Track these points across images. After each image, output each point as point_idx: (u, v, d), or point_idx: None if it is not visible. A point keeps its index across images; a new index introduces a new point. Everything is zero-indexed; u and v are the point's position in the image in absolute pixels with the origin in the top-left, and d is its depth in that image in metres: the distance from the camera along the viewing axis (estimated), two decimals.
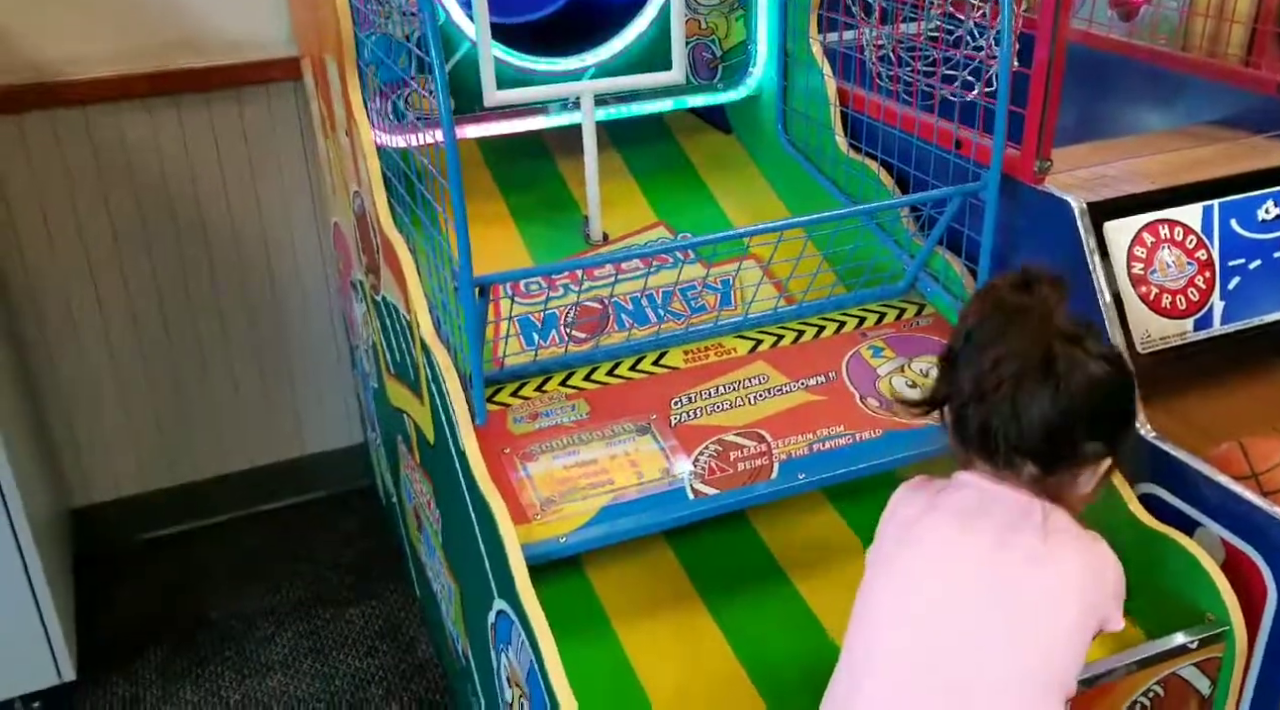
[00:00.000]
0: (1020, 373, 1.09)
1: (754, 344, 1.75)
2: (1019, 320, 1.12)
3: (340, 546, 2.54)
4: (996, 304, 1.15)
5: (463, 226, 1.41)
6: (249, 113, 2.34)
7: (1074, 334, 1.12)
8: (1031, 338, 1.10)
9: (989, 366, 1.10)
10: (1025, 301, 1.13)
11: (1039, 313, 1.12)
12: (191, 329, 2.47)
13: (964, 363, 1.14)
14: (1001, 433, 1.11)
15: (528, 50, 1.96)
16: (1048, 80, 1.54)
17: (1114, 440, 1.17)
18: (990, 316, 1.14)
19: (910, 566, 1.15)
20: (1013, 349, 1.10)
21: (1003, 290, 1.16)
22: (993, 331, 1.12)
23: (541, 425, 1.59)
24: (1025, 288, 1.14)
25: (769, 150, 2.17)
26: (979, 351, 1.12)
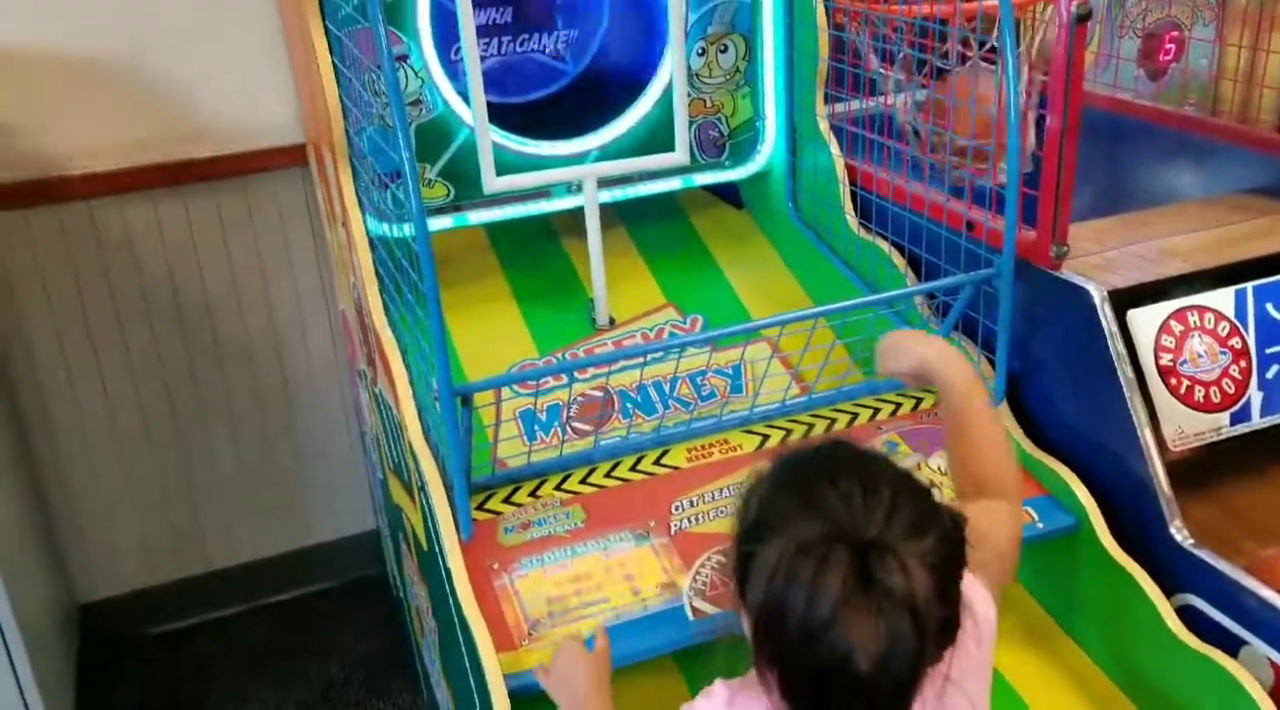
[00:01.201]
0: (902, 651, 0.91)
1: (761, 440, 1.66)
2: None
3: (350, 640, 2.47)
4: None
5: (439, 330, 1.34)
6: (256, 200, 2.32)
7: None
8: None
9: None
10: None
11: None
12: (200, 418, 2.43)
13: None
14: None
15: (529, 134, 1.92)
16: (1059, 165, 1.45)
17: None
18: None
19: None
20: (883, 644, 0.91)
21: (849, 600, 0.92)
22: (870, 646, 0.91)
23: (533, 536, 1.51)
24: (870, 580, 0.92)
25: (781, 227, 2.10)
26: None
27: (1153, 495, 1.44)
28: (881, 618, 0.88)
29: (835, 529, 0.91)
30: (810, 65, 1.92)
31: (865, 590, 0.88)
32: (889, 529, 0.91)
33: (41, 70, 2.10)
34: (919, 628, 0.89)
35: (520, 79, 2.02)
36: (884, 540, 0.90)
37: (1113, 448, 1.48)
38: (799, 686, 0.94)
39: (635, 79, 1.98)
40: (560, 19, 2.02)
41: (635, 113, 1.95)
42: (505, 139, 1.88)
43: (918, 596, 0.89)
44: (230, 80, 2.22)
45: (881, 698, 0.91)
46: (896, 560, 0.89)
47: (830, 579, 0.89)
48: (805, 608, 0.89)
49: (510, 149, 1.89)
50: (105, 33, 2.12)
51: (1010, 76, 1.42)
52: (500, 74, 1.98)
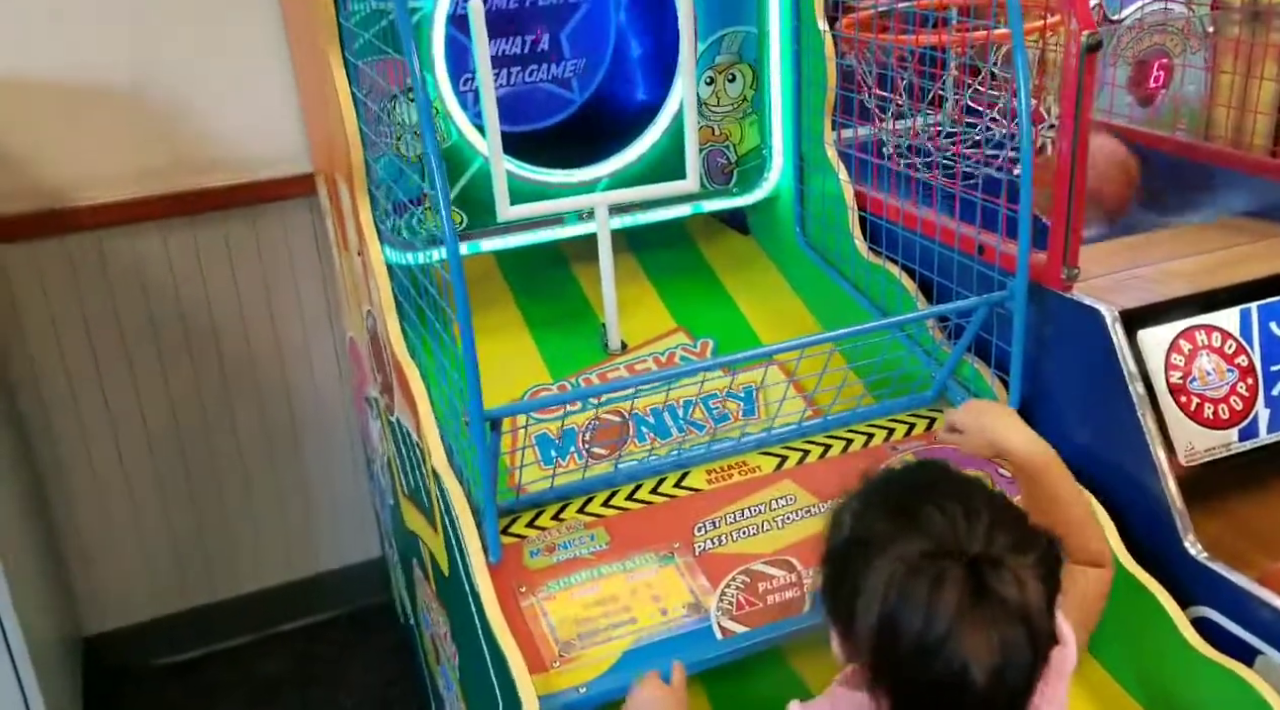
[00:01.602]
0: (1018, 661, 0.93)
1: (779, 461, 1.68)
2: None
3: (358, 670, 2.47)
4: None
5: (471, 359, 1.36)
6: (264, 228, 2.33)
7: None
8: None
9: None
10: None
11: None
12: (206, 446, 2.43)
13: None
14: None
15: (541, 162, 1.95)
16: (1071, 188, 1.49)
17: None
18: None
19: None
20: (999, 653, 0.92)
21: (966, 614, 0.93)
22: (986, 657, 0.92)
23: (559, 558, 1.52)
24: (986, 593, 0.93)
25: (788, 253, 2.13)
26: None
27: (1165, 511, 1.47)
28: (996, 629, 0.90)
29: (942, 545, 0.93)
30: (818, 93, 1.95)
31: (980, 603, 0.90)
32: (994, 543, 0.93)
33: (48, 99, 2.12)
34: (1033, 639, 0.91)
35: (529, 108, 2.06)
36: (992, 554, 0.92)
37: (1126, 465, 1.51)
38: (913, 704, 0.96)
39: (643, 107, 2.02)
40: (568, 48, 2.05)
41: (645, 141, 1.98)
42: (518, 168, 1.91)
43: (1030, 607, 0.92)
44: (238, 110, 2.24)
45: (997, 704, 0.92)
46: (1009, 572, 0.92)
47: (946, 595, 0.91)
48: (922, 625, 0.91)
49: (522, 177, 1.92)
50: (112, 62, 2.13)
51: (1023, 100, 1.46)
52: (510, 103, 2.01)
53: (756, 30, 2.00)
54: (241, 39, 2.21)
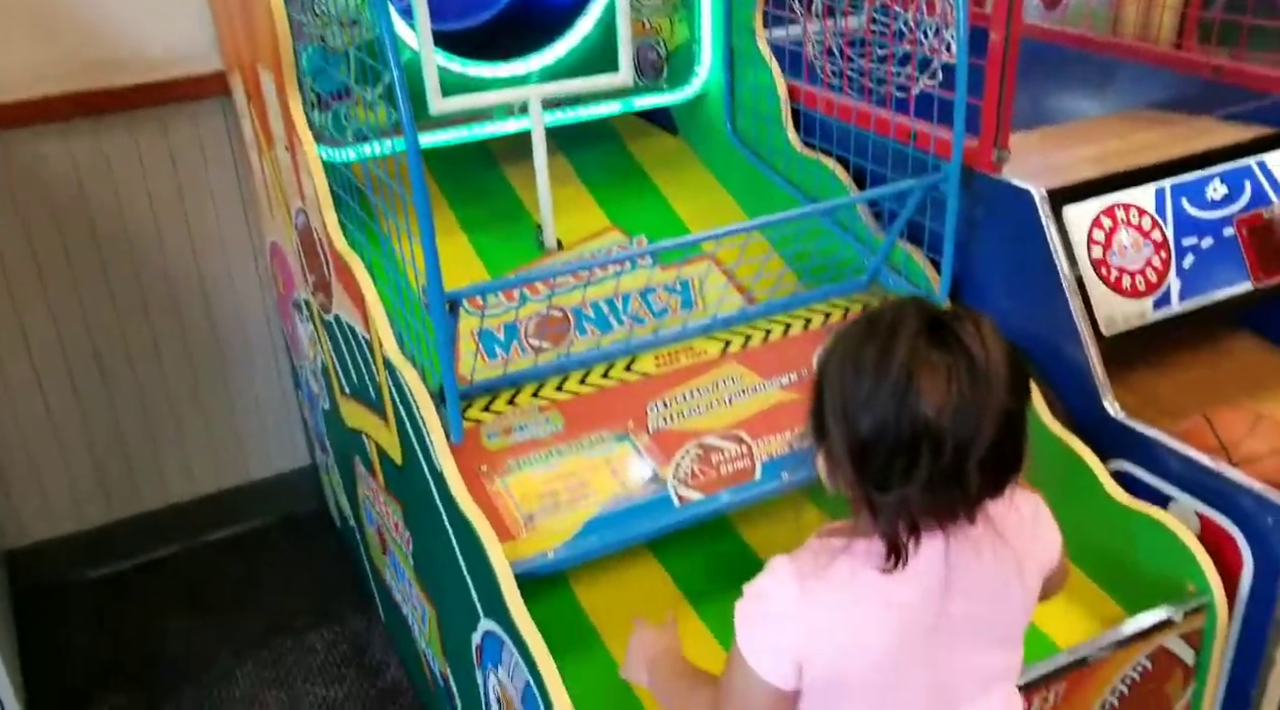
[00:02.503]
0: (968, 404, 0.92)
1: (724, 345, 1.74)
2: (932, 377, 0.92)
3: (295, 573, 2.47)
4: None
5: (430, 239, 1.37)
6: (175, 132, 2.26)
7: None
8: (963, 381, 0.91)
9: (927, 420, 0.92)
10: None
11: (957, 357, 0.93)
12: (125, 357, 2.37)
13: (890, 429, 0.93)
14: (974, 473, 0.94)
15: (471, 55, 1.93)
16: (1003, 70, 1.56)
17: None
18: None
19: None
20: (951, 389, 0.91)
21: (920, 350, 0.93)
22: (934, 389, 0.92)
23: (517, 439, 1.56)
24: (942, 332, 0.94)
25: (718, 150, 2.16)
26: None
27: (1088, 375, 1.57)
28: (950, 368, 0.90)
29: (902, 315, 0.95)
30: None
31: (935, 341, 0.92)
32: (960, 314, 0.95)
33: None
34: (987, 387, 0.90)
35: (458, 4, 2.03)
36: (956, 317, 0.94)
37: (1051, 335, 1.61)
38: (865, 452, 0.95)
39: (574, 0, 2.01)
40: None
41: (576, 33, 1.97)
42: (447, 61, 1.88)
43: (990, 362, 0.91)
44: (142, 4, 2.14)
45: (945, 456, 0.91)
46: (970, 325, 0.93)
47: (902, 333, 0.92)
48: (877, 357, 0.92)
49: (453, 71, 1.89)
50: None
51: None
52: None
53: None
54: None
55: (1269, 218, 1.72)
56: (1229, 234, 1.69)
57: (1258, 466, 1.47)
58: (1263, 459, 1.48)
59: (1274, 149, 1.76)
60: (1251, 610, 1.42)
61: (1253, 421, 1.55)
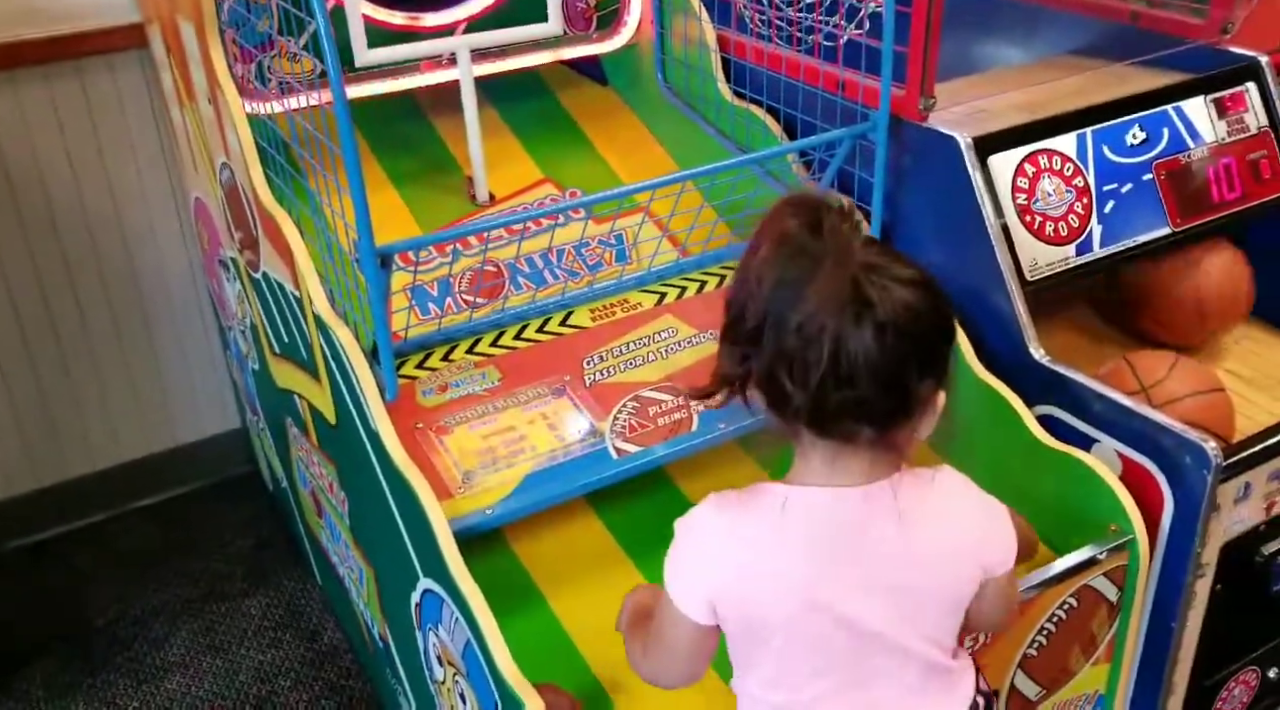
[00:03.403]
0: (836, 326, 0.92)
1: (659, 297, 1.74)
2: (819, 266, 0.94)
3: (228, 537, 2.44)
4: (791, 253, 0.97)
5: (360, 192, 1.34)
6: (92, 86, 2.18)
7: (878, 264, 0.95)
8: (837, 283, 0.93)
9: (796, 327, 0.93)
10: (820, 245, 0.96)
11: (837, 252, 0.95)
12: (46, 320, 2.30)
13: (766, 326, 0.96)
14: (832, 399, 0.94)
15: (396, 5, 1.88)
16: (929, 18, 1.56)
17: (944, 371, 1.00)
18: (786, 267, 0.96)
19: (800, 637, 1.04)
20: (820, 299, 0.93)
21: (795, 235, 0.98)
22: (792, 285, 0.95)
23: (452, 396, 1.55)
24: (816, 227, 0.97)
25: (649, 100, 2.15)
26: (781, 310, 0.95)
27: (1014, 321, 1.61)
28: (795, 236, 0.96)
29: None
30: None
31: (802, 223, 0.98)
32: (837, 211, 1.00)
33: None
34: (814, 267, 0.94)
35: None
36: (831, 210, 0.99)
37: (978, 281, 1.64)
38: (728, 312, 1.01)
39: None
40: None
41: None
42: (372, 11, 1.84)
43: (843, 249, 0.95)
44: None
45: (768, 326, 0.95)
46: (843, 218, 0.98)
47: (779, 211, 1.00)
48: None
49: (377, 21, 1.86)
50: None
51: None
52: None
53: None
54: None
55: (1186, 162, 1.76)
56: (1148, 179, 1.73)
57: (1176, 407, 1.52)
58: (1181, 399, 1.53)
59: (1191, 95, 1.79)
60: (1172, 547, 1.47)
61: (1171, 363, 1.59)
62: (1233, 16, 1.84)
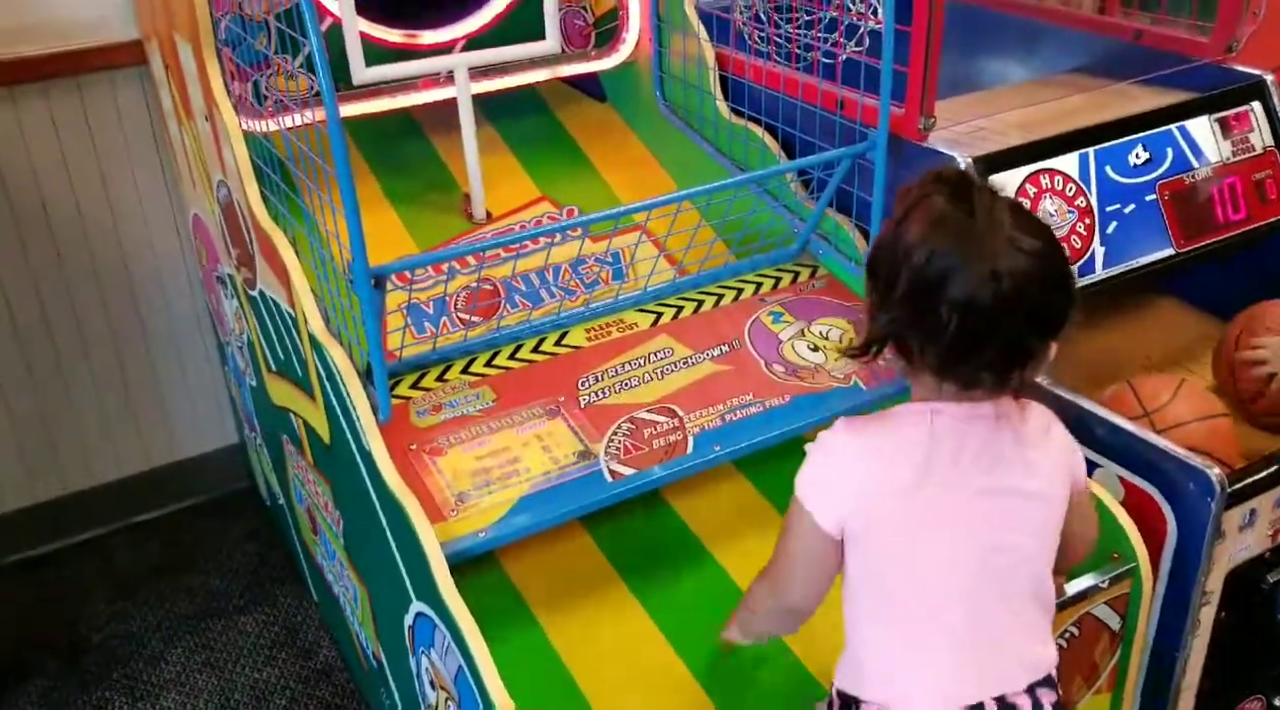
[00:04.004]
0: (975, 295, 1.00)
1: (655, 317, 1.73)
2: (968, 245, 1.01)
3: (225, 554, 2.42)
4: (945, 231, 1.03)
5: (353, 213, 1.33)
6: (92, 103, 2.18)
7: (1016, 239, 1.02)
8: (980, 252, 1.01)
9: (945, 298, 1.01)
10: (971, 225, 1.02)
11: (984, 233, 1.02)
12: (46, 336, 2.29)
13: (914, 294, 1.03)
14: (964, 357, 1.04)
15: (394, 23, 1.88)
16: (928, 38, 1.55)
17: (1062, 328, 1.08)
18: (939, 242, 1.02)
19: (936, 521, 1.10)
20: (963, 265, 1.01)
21: (948, 215, 1.04)
22: (943, 260, 1.01)
23: (446, 416, 1.53)
24: (966, 203, 1.04)
25: (647, 117, 2.14)
26: (930, 283, 1.02)
27: None
28: (946, 208, 1.04)
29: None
30: None
31: (949, 195, 1.04)
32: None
33: None
34: (967, 241, 1.01)
35: None
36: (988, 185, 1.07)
37: None
38: (873, 267, 1.09)
39: None
40: None
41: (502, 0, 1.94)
42: (370, 29, 1.84)
43: (995, 220, 1.02)
44: None
45: (919, 290, 1.02)
46: (989, 192, 1.05)
47: (924, 182, 1.07)
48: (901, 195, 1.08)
49: (375, 39, 1.85)
50: None
51: None
52: None
53: None
54: None
55: (1190, 183, 1.75)
56: (1151, 199, 1.72)
57: (1180, 432, 1.49)
58: (1185, 424, 1.51)
59: (1195, 114, 1.78)
60: (1175, 575, 1.45)
61: (1175, 386, 1.57)
62: (1237, 34, 1.82)
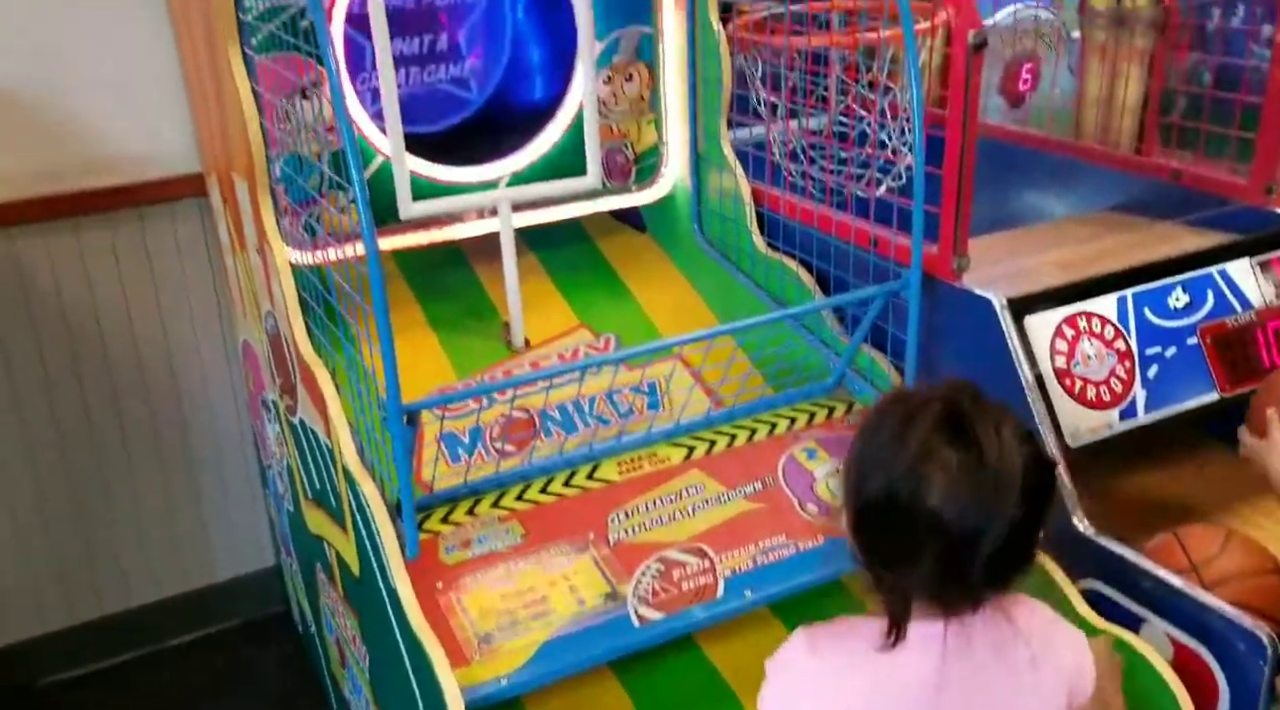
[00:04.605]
0: (964, 520, 0.97)
1: (688, 451, 1.72)
2: (986, 487, 0.97)
3: (257, 679, 2.40)
4: (957, 479, 0.98)
5: (389, 350, 1.36)
6: (152, 231, 2.26)
7: (1011, 442, 0.99)
8: (1003, 500, 0.97)
9: (974, 541, 0.97)
10: (963, 456, 0.99)
11: (997, 463, 0.98)
12: (92, 454, 2.34)
13: (946, 551, 0.99)
14: (946, 580, 1.00)
15: (442, 160, 1.94)
16: (960, 180, 1.56)
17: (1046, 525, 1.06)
18: (955, 494, 0.98)
19: None
20: (996, 514, 0.97)
21: (946, 455, 0.99)
22: (971, 505, 0.97)
23: (475, 553, 1.53)
24: (960, 435, 0.99)
25: (686, 249, 2.17)
26: (960, 529, 0.98)
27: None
28: (961, 457, 0.96)
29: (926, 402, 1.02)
30: (713, 92, 2.00)
31: (952, 434, 0.97)
32: (986, 412, 1.00)
33: None
34: (995, 490, 0.95)
35: (429, 109, 2.04)
36: (980, 413, 0.99)
37: None
38: (869, 517, 1.02)
39: (543, 106, 2.03)
40: (465, 48, 2.05)
41: (546, 139, 2.00)
42: (418, 165, 1.90)
43: (1005, 462, 0.95)
44: (122, 108, 2.16)
45: (948, 548, 0.96)
46: (991, 421, 0.97)
47: (923, 417, 0.99)
48: (895, 428, 0.99)
49: (424, 176, 1.91)
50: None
51: (915, 99, 1.53)
52: (409, 104, 1.99)
53: (652, 30, 2.04)
54: (124, 34, 2.12)
55: (1233, 326, 1.72)
56: (1193, 343, 1.69)
57: (1229, 588, 1.43)
58: (1233, 580, 1.45)
59: (1235, 257, 1.76)
60: None
61: (1223, 539, 1.51)
62: (1276, 178, 1.81)
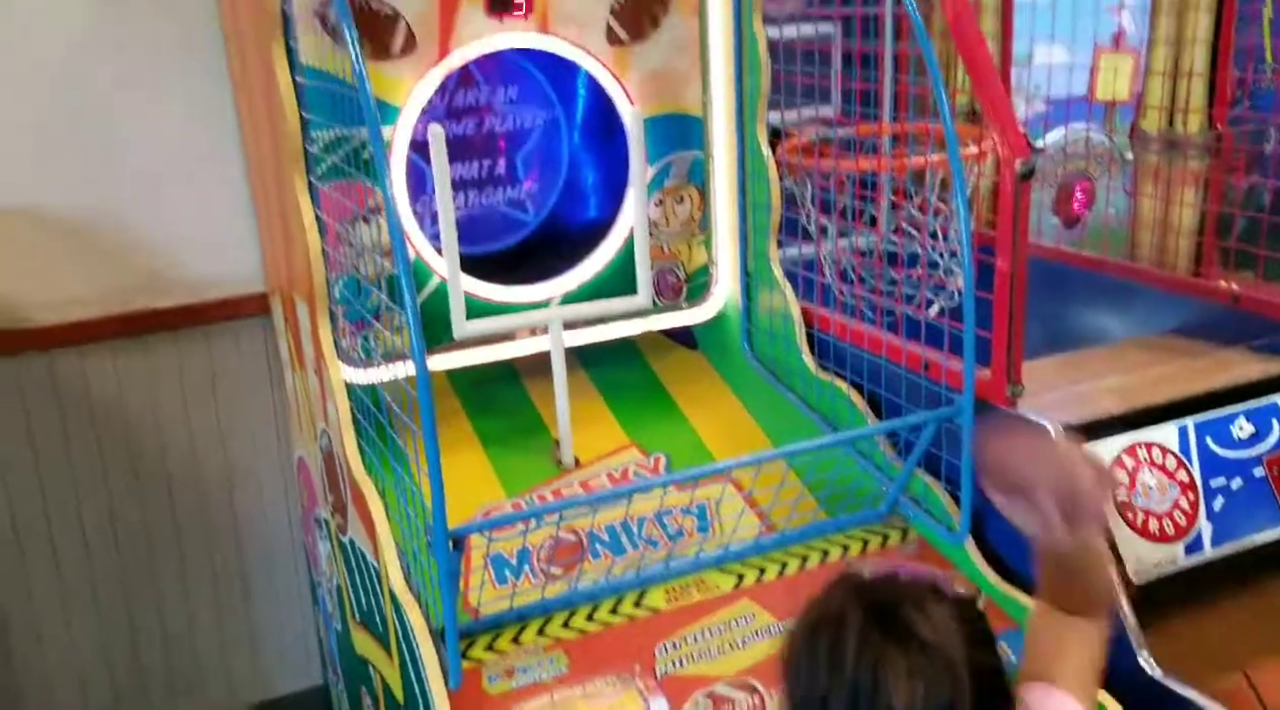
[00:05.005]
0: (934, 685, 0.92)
1: (738, 579, 1.69)
2: (936, 677, 0.93)
3: None
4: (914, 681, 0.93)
5: (436, 474, 1.36)
6: (217, 347, 2.32)
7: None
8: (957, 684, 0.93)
9: None
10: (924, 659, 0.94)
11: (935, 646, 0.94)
12: (148, 564, 2.36)
13: None
14: None
15: (496, 280, 1.98)
16: (1011, 310, 1.55)
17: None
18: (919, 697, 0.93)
19: None
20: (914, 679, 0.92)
21: (899, 659, 0.93)
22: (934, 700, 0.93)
23: (519, 683, 1.50)
24: (895, 627, 0.95)
25: (736, 367, 2.17)
26: None
27: (1120, 628, 1.49)
28: (907, 654, 0.92)
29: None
30: (762, 214, 2.03)
31: (886, 632, 0.93)
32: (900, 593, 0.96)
33: (5, 221, 2.10)
34: (949, 670, 0.92)
35: (486, 230, 2.09)
36: (897, 599, 0.95)
37: None
38: None
39: (596, 227, 2.07)
40: (522, 172, 2.11)
41: (598, 260, 2.03)
42: (473, 285, 1.93)
43: (944, 640, 0.92)
44: (192, 231, 2.24)
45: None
46: (912, 604, 0.94)
47: (849, 626, 0.94)
48: (829, 651, 0.94)
49: (478, 295, 1.94)
50: (72, 184, 2.14)
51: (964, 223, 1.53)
52: (467, 225, 2.04)
53: (703, 155, 2.08)
54: (197, 162, 2.22)
55: None
56: (1259, 474, 1.64)
57: None
58: None
59: None
60: None
61: None
62: None
